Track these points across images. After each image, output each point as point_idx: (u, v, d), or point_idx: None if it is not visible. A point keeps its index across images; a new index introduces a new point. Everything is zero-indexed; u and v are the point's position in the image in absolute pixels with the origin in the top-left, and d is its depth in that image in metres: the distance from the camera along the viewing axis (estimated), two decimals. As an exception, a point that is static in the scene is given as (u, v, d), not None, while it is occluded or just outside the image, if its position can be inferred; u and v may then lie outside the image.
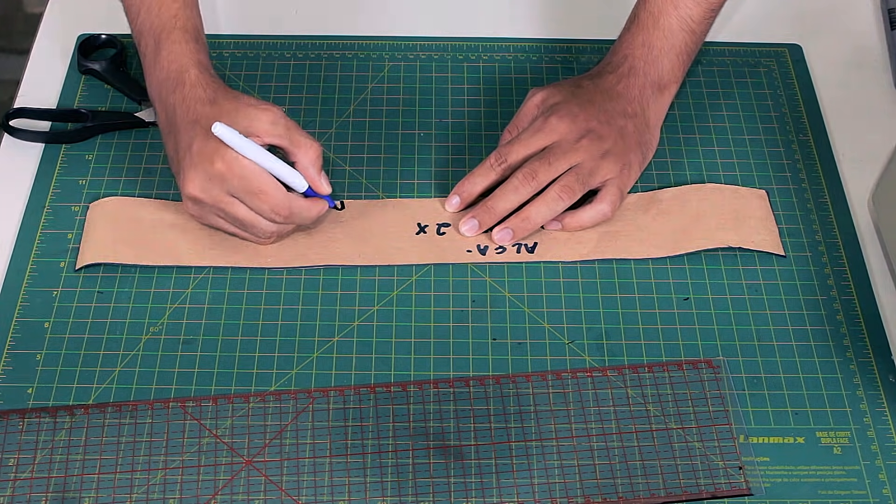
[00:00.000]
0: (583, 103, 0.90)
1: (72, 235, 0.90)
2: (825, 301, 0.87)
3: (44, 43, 1.05)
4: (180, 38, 0.87)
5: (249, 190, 0.81)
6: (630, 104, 0.91)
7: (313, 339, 0.84)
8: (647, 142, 0.92)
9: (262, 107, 0.83)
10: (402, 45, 1.05)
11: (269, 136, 0.82)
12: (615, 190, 0.89)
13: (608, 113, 0.90)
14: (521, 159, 0.88)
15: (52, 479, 0.77)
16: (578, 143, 0.88)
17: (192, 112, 0.83)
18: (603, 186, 0.89)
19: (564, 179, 0.87)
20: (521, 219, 0.88)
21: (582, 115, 0.89)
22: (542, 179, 0.87)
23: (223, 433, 0.79)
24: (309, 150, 0.83)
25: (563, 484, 0.77)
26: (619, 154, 0.89)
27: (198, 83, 0.85)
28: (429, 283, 0.88)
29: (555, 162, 0.87)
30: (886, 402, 0.82)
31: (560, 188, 0.87)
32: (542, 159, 0.87)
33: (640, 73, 0.92)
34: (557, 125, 0.89)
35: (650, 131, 0.93)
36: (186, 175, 0.82)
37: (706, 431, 0.80)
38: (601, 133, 0.89)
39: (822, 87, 1.02)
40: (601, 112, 0.90)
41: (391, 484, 0.77)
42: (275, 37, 1.05)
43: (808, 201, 0.93)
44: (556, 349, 0.84)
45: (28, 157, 0.95)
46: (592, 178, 0.88)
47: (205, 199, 0.82)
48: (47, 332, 0.84)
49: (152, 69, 0.87)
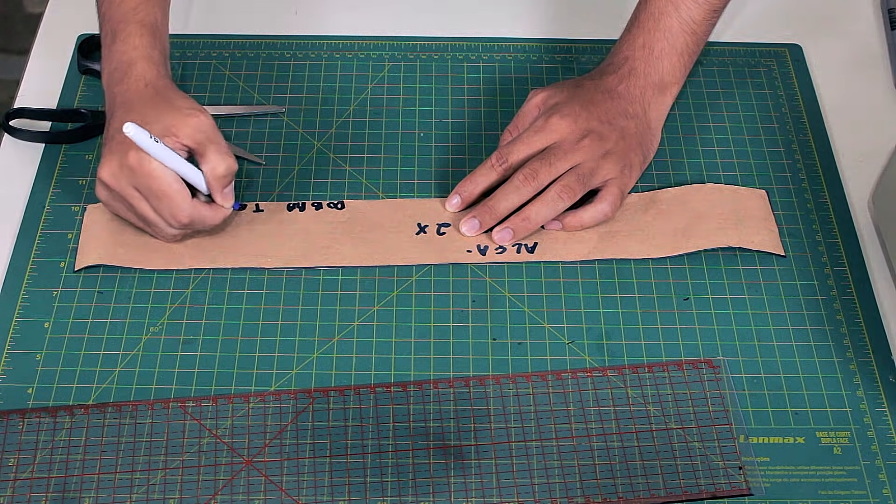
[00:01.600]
0: (584, 103, 0.90)
1: (72, 235, 0.90)
2: (825, 301, 0.87)
3: (44, 43, 1.05)
4: (135, 32, 0.88)
5: (153, 191, 0.82)
6: (631, 105, 0.91)
7: (313, 339, 0.84)
8: (649, 142, 0.92)
9: (194, 112, 0.84)
10: (402, 45, 1.05)
11: (186, 138, 0.83)
12: (616, 190, 0.89)
13: (609, 113, 0.90)
14: (522, 159, 0.89)
15: (52, 479, 0.77)
16: (580, 144, 0.88)
17: (127, 103, 0.85)
18: (603, 186, 0.89)
19: (565, 179, 0.87)
20: (521, 219, 0.88)
21: (583, 115, 0.89)
22: (542, 179, 0.87)
23: (223, 433, 0.79)
24: (217, 167, 0.83)
25: (563, 484, 0.77)
26: (620, 154, 0.89)
27: (141, 77, 0.86)
28: (429, 283, 0.88)
29: (556, 162, 0.87)
30: (886, 402, 0.82)
31: (560, 188, 0.87)
32: (542, 159, 0.87)
33: (640, 75, 0.92)
34: (559, 125, 0.89)
35: (651, 132, 0.93)
36: (103, 159, 0.84)
37: (706, 431, 0.80)
38: (602, 133, 0.89)
39: (822, 87, 1.02)
40: (603, 112, 0.90)
41: (391, 484, 0.77)
42: (275, 37, 1.05)
43: (808, 201, 0.93)
44: (556, 349, 0.84)
45: (28, 157, 0.95)
46: (593, 178, 0.88)
47: (113, 186, 0.83)
48: (47, 332, 0.84)
49: (106, 58, 0.89)
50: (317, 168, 0.95)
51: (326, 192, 0.93)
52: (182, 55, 1.03)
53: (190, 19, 1.07)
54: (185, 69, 1.02)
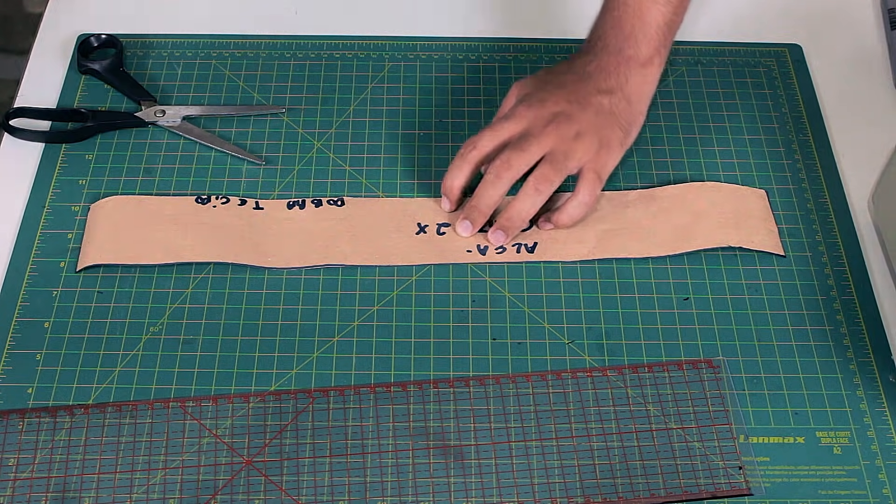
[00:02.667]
0: (552, 89, 0.89)
1: (72, 235, 0.90)
2: (825, 301, 0.87)
3: (44, 43, 1.05)
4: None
5: None
6: (606, 80, 0.89)
7: (313, 339, 0.84)
8: (630, 119, 0.90)
9: None
10: (402, 45, 1.05)
11: None
12: (591, 175, 0.87)
13: (579, 93, 0.88)
14: (491, 148, 0.87)
15: (52, 479, 0.77)
16: (547, 128, 0.86)
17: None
18: (579, 174, 0.87)
19: (539, 170, 0.86)
20: (506, 218, 0.88)
21: (550, 100, 0.88)
22: (517, 167, 0.86)
23: (223, 433, 0.79)
24: None
25: (563, 484, 0.77)
26: (593, 133, 0.87)
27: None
28: (429, 283, 0.88)
29: (527, 147, 0.86)
30: (886, 402, 0.82)
31: (535, 180, 0.86)
32: (513, 147, 0.86)
33: (613, 51, 0.90)
34: (525, 112, 0.87)
35: (632, 108, 0.90)
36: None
37: (706, 431, 0.80)
38: (570, 114, 0.87)
39: (822, 87, 1.02)
40: (572, 93, 0.88)
41: (391, 484, 0.77)
42: (275, 37, 1.05)
43: (808, 201, 0.93)
44: (556, 349, 0.84)
45: (28, 157, 0.95)
46: (568, 161, 0.86)
47: None
48: (47, 332, 0.84)
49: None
50: (317, 168, 0.95)
51: (326, 191, 0.93)
52: (182, 55, 1.03)
53: (190, 19, 1.07)
54: (185, 69, 1.02)
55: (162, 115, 0.97)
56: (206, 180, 0.93)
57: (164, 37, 1.04)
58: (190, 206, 0.91)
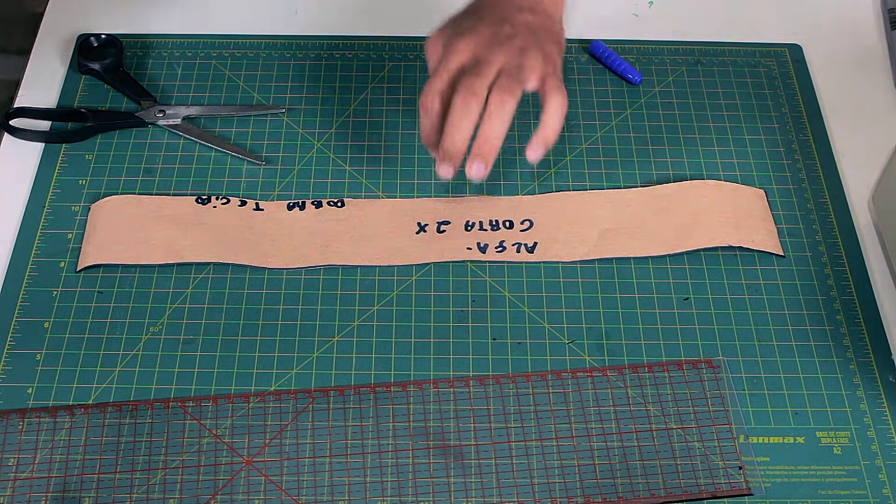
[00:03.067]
0: (475, 19, 0.87)
1: (72, 235, 0.90)
2: (825, 301, 0.87)
3: (44, 43, 1.05)
4: None
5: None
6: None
7: (313, 339, 0.84)
8: (557, 32, 0.89)
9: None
10: (402, 45, 1.05)
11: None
12: (553, 81, 0.85)
13: (505, 12, 0.87)
14: (446, 84, 0.85)
15: (52, 479, 0.77)
16: (492, 48, 0.85)
17: None
18: (541, 87, 0.85)
19: (497, 84, 0.83)
20: (480, 144, 0.83)
21: (480, 26, 0.86)
22: (479, 89, 0.83)
23: (223, 433, 0.79)
24: None
25: (563, 484, 0.77)
26: (535, 46, 0.86)
27: None
28: (429, 282, 0.88)
29: (481, 70, 0.83)
30: (886, 402, 0.82)
31: (497, 93, 0.83)
32: (468, 75, 0.84)
33: None
34: (464, 43, 0.85)
35: (555, 22, 0.90)
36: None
37: (706, 431, 0.80)
38: (508, 33, 0.86)
39: (822, 87, 1.02)
40: (498, 15, 0.87)
41: (391, 484, 0.77)
42: (275, 37, 1.05)
43: (808, 201, 0.93)
44: (556, 349, 0.84)
45: (28, 157, 0.95)
46: (521, 72, 0.84)
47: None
48: (47, 332, 0.84)
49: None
50: (317, 168, 0.95)
51: (326, 191, 0.93)
52: (182, 55, 1.03)
53: (190, 19, 1.07)
54: (185, 69, 1.02)
55: (162, 115, 0.97)
56: (206, 180, 0.93)
57: (164, 37, 1.05)
58: (190, 207, 0.91)
